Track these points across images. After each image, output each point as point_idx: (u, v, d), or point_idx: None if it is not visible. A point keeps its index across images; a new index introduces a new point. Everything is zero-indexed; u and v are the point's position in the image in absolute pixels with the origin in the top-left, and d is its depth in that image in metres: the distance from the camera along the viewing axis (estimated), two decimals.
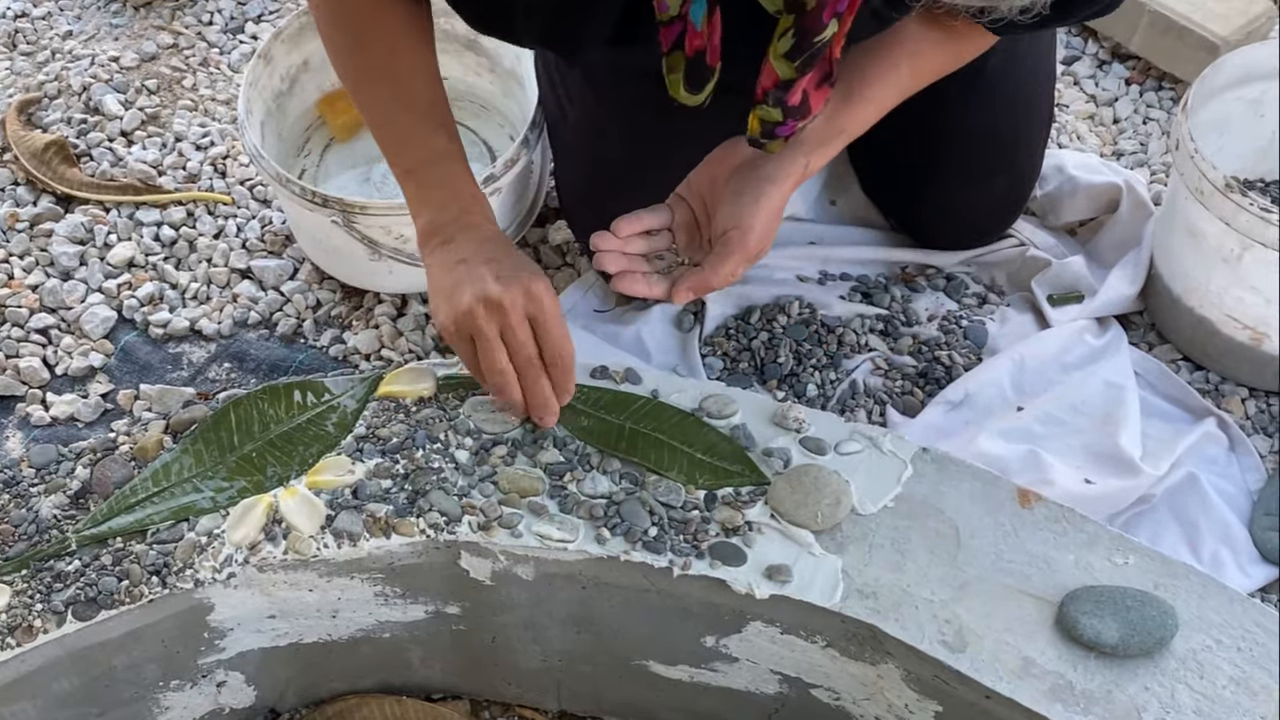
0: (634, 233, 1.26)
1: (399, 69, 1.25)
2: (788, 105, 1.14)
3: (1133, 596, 1.10)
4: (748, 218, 1.22)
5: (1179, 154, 1.50)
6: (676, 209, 1.29)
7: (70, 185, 1.79)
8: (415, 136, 1.24)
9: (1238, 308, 1.52)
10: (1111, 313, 1.64)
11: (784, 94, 1.13)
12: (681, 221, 1.28)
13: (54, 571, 1.15)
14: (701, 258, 1.26)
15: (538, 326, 1.15)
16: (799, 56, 1.09)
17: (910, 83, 1.29)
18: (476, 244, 1.19)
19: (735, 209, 1.23)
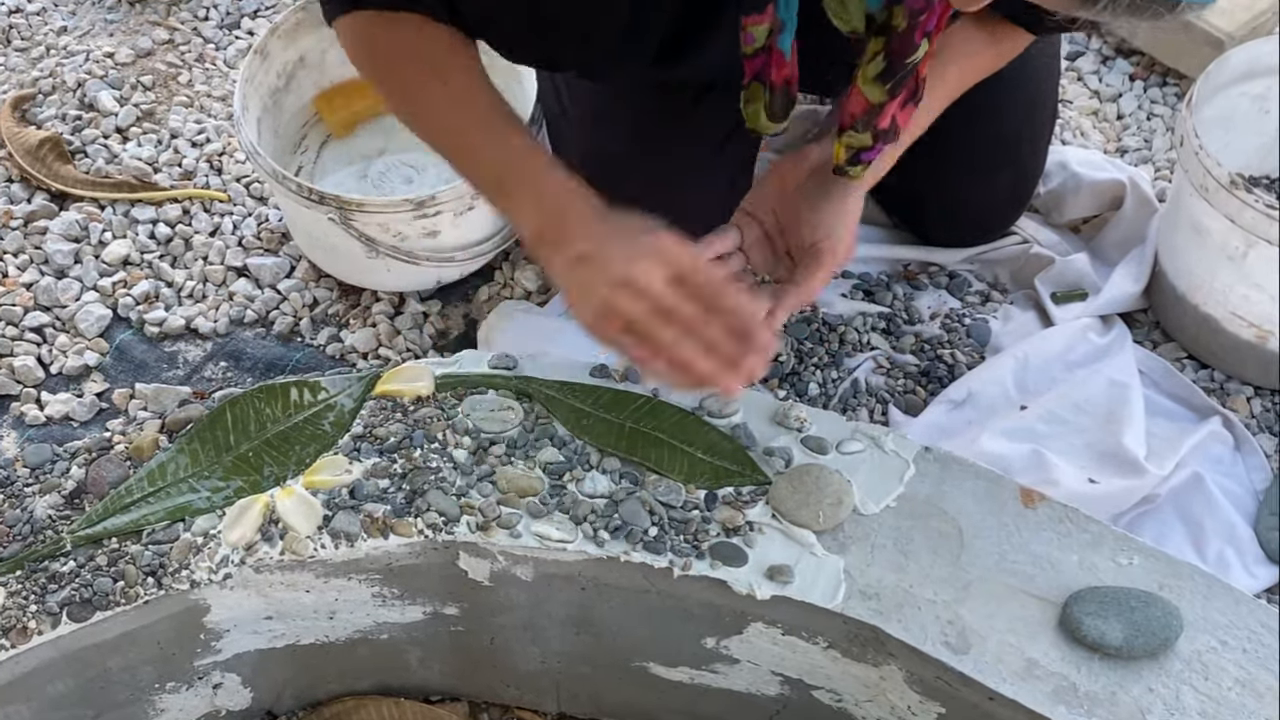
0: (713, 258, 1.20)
1: (453, 89, 1.20)
2: (878, 129, 1.13)
3: (1137, 597, 1.10)
4: (834, 226, 1.20)
5: (1183, 150, 1.50)
6: (745, 228, 1.25)
7: (65, 182, 1.79)
8: (488, 147, 1.18)
9: (1243, 305, 1.52)
10: (1115, 310, 1.64)
11: (874, 118, 1.12)
12: (753, 240, 1.25)
13: (49, 572, 1.15)
14: (783, 273, 1.23)
15: (687, 283, 1.05)
16: (891, 79, 1.08)
17: (958, 87, 1.29)
18: (583, 228, 1.11)
19: (819, 218, 1.20)
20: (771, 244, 1.25)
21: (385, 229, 1.56)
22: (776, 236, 1.24)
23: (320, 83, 1.81)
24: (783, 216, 1.24)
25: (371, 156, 1.79)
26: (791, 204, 1.23)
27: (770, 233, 1.25)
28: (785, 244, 1.24)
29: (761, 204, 1.25)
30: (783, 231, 1.24)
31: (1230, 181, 1.44)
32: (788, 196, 1.23)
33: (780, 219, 1.24)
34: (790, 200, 1.23)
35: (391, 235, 1.57)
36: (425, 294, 1.70)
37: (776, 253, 1.24)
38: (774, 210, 1.24)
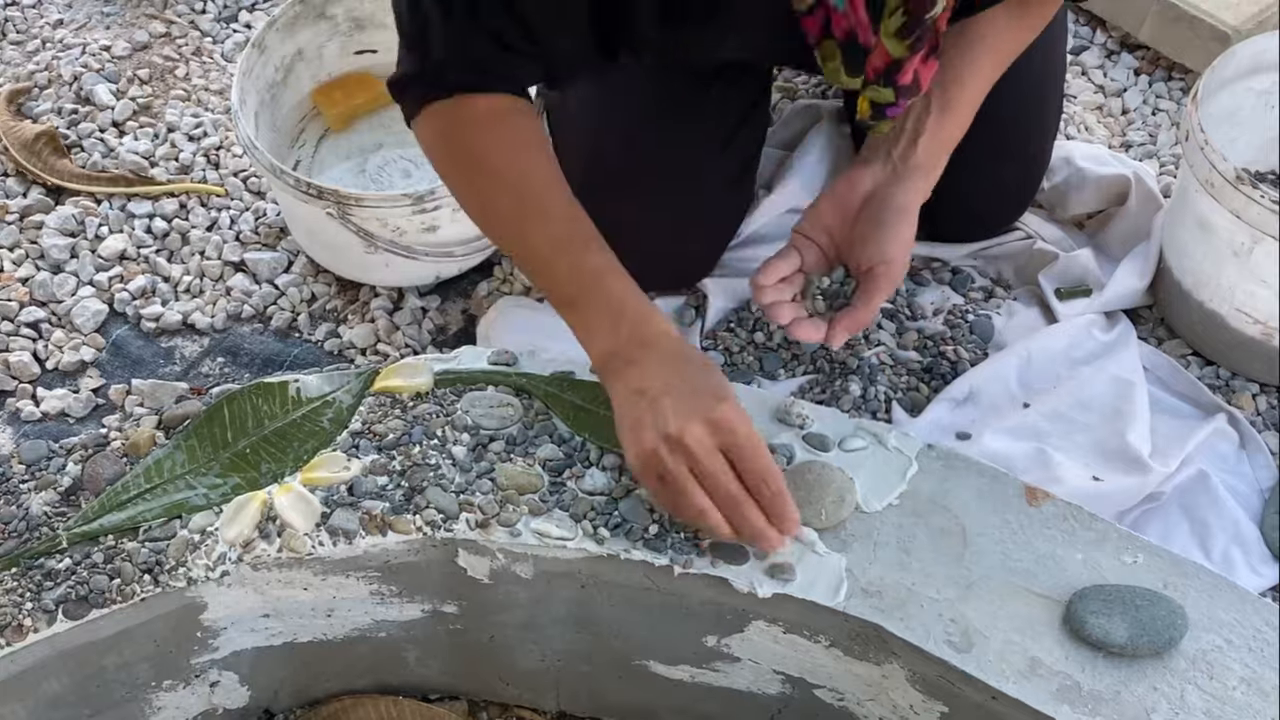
0: (777, 280, 1.25)
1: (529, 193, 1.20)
2: (899, 85, 1.14)
3: (1142, 596, 1.10)
4: (891, 250, 1.22)
5: (1189, 145, 1.50)
6: (804, 251, 1.27)
7: (61, 176, 1.79)
8: (565, 261, 1.18)
9: (1248, 302, 1.52)
10: (1120, 307, 1.64)
11: (895, 73, 1.13)
12: (812, 262, 1.27)
13: (44, 570, 1.15)
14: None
15: (732, 456, 1.07)
16: (911, 34, 1.09)
17: (996, 72, 1.30)
18: (655, 367, 1.11)
19: (877, 243, 1.23)
20: (828, 267, 1.28)
21: (384, 224, 1.56)
22: (834, 260, 1.28)
23: (318, 76, 1.81)
24: (839, 240, 1.27)
25: (370, 151, 1.79)
26: (848, 228, 1.26)
27: (827, 255, 1.28)
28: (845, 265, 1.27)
29: (817, 227, 1.27)
30: (839, 255, 1.27)
31: (1236, 177, 1.44)
32: (844, 220, 1.26)
33: (837, 242, 1.27)
34: (849, 224, 1.26)
35: (390, 230, 1.57)
36: (424, 289, 1.70)
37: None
38: (830, 233, 1.27)
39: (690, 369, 1.12)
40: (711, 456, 1.07)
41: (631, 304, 1.16)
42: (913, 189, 1.26)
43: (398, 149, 1.78)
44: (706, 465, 1.06)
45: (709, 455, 1.06)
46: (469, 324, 1.68)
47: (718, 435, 1.07)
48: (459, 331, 1.67)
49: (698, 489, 1.07)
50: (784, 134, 1.79)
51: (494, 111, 1.20)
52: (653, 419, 1.08)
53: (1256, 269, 1.48)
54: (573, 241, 1.18)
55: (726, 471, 1.07)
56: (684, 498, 1.08)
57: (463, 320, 1.68)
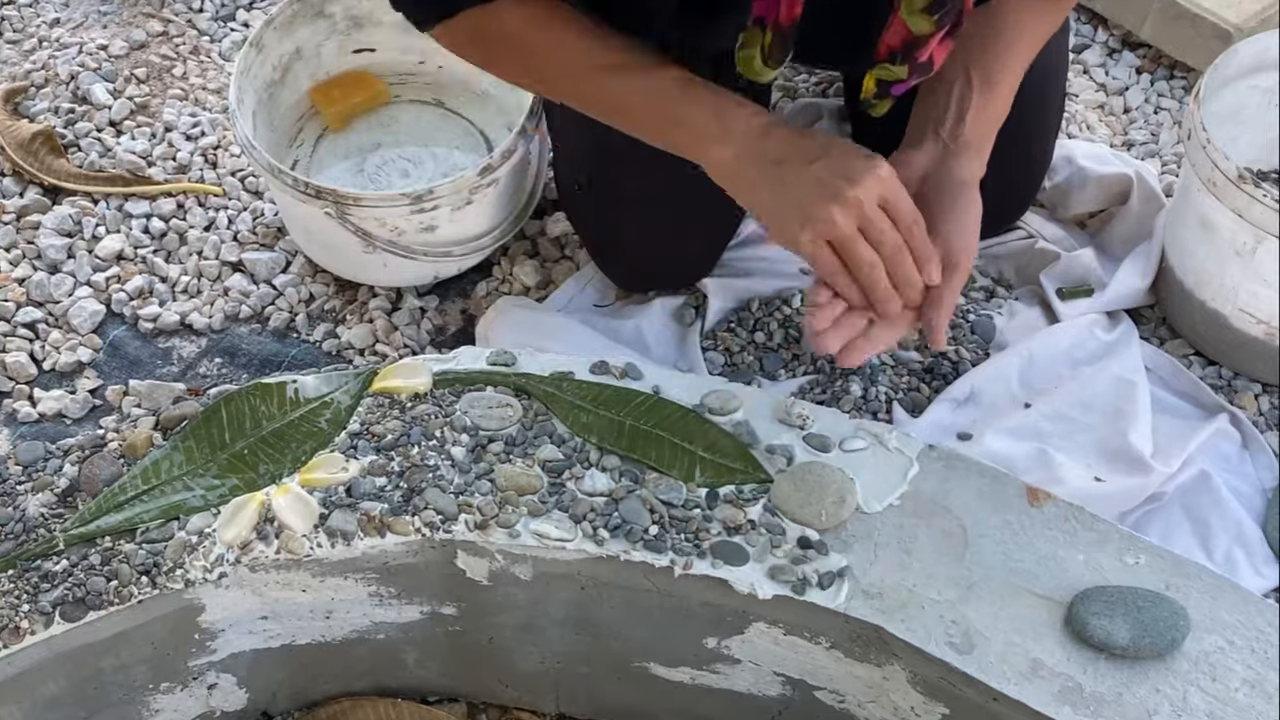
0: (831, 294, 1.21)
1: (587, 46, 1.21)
2: (916, 62, 1.14)
3: (1144, 597, 1.10)
4: (965, 229, 1.22)
5: (1191, 144, 1.50)
6: None
7: (58, 176, 1.79)
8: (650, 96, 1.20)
9: (1251, 302, 1.52)
10: (1122, 307, 1.63)
11: (915, 50, 1.13)
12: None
13: (41, 571, 1.15)
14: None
15: (889, 209, 1.13)
16: (940, 9, 1.08)
17: (1029, 58, 1.29)
18: (783, 143, 1.15)
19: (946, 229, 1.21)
20: None
21: (382, 223, 1.56)
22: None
23: (316, 75, 1.81)
24: None
25: (368, 150, 1.79)
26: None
27: None
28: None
29: None
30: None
31: (1238, 176, 1.43)
32: None
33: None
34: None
35: (388, 230, 1.57)
36: (423, 289, 1.70)
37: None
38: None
39: (821, 139, 1.16)
40: (879, 213, 1.12)
41: (733, 101, 1.18)
42: (971, 163, 1.24)
43: (396, 148, 1.78)
44: (877, 222, 1.12)
45: (877, 212, 1.12)
46: (468, 324, 1.67)
47: (881, 188, 1.12)
48: (458, 332, 1.67)
49: (868, 246, 1.13)
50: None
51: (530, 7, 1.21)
52: (817, 186, 1.11)
53: (1259, 269, 1.48)
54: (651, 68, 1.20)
55: (891, 226, 1.13)
56: (860, 256, 1.12)
57: (461, 320, 1.68)
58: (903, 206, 1.14)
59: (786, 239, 1.16)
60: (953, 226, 1.20)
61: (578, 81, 1.24)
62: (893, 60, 1.14)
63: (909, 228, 1.14)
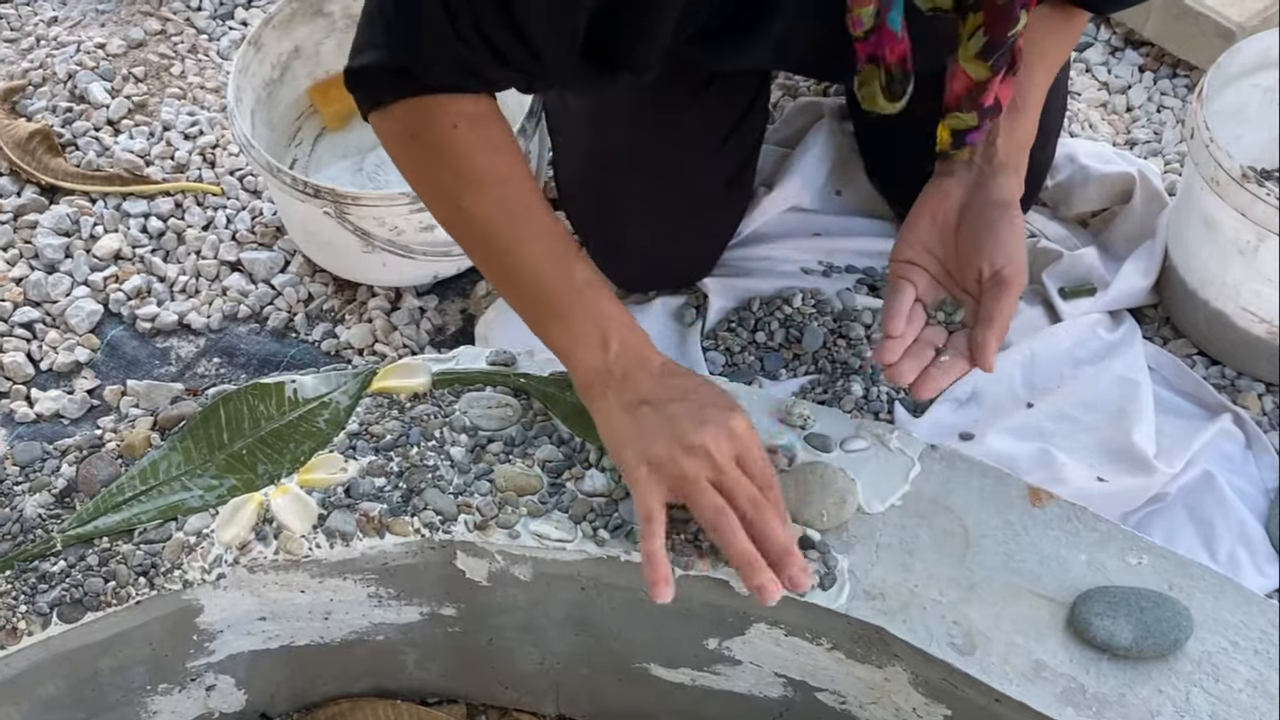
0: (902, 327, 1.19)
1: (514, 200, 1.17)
2: (983, 107, 1.13)
3: (1147, 597, 1.10)
4: (1012, 250, 1.19)
5: (1194, 143, 1.50)
6: (913, 278, 1.23)
7: (55, 175, 1.79)
8: (551, 277, 1.16)
9: (1254, 301, 1.52)
10: (1125, 306, 1.63)
11: (979, 95, 1.12)
12: (925, 287, 1.23)
13: (38, 572, 1.15)
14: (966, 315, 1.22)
15: (744, 465, 1.09)
16: (993, 55, 1.07)
17: (1049, 79, 1.29)
18: (652, 381, 1.12)
19: (994, 246, 1.19)
20: (942, 288, 1.24)
21: (381, 223, 1.56)
22: (945, 279, 1.23)
23: (315, 74, 1.81)
24: (948, 256, 1.23)
25: (367, 149, 1.79)
26: (955, 241, 1.22)
27: (937, 276, 1.24)
28: (959, 282, 1.23)
29: (920, 249, 1.24)
30: (950, 272, 1.23)
31: (1242, 175, 1.43)
32: (950, 232, 1.23)
33: (945, 260, 1.23)
34: (952, 234, 1.23)
35: (388, 229, 1.57)
36: (422, 289, 1.70)
37: (955, 289, 1.23)
38: (935, 253, 1.24)
39: (691, 383, 1.13)
40: (732, 465, 1.08)
41: (618, 319, 1.15)
42: (1009, 185, 1.22)
43: None
44: (729, 473, 1.07)
45: (730, 464, 1.07)
46: (467, 324, 1.68)
47: (734, 444, 1.08)
48: (457, 331, 1.67)
49: (715, 494, 1.07)
50: (785, 131, 1.79)
51: (478, 115, 1.17)
52: (668, 427, 1.08)
53: (1262, 267, 1.48)
54: (557, 255, 1.16)
55: (745, 480, 1.08)
56: (704, 500, 1.07)
57: (461, 320, 1.68)
58: (757, 463, 1.09)
59: (627, 469, 1.10)
60: (997, 246, 1.19)
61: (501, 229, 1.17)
62: (960, 108, 1.13)
63: (763, 485, 1.09)
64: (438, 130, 1.16)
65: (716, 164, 1.56)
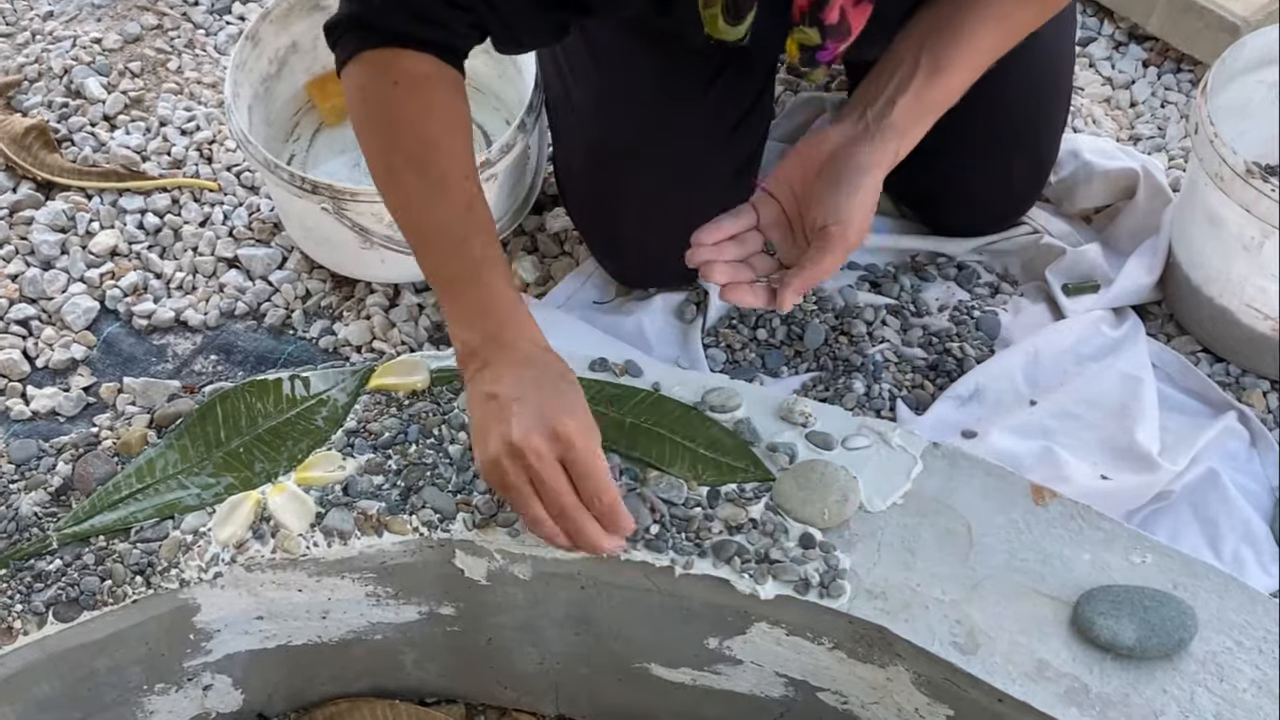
0: (720, 239, 1.21)
1: (431, 167, 1.20)
2: (825, 24, 1.12)
3: (1151, 596, 1.09)
4: (846, 210, 1.18)
5: (1198, 138, 1.49)
6: (763, 208, 1.24)
7: (51, 171, 1.79)
8: (448, 245, 1.19)
9: (1259, 297, 1.52)
10: (1128, 303, 1.63)
11: (820, 10, 1.11)
12: (771, 220, 1.23)
13: (34, 571, 1.15)
14: (796, 256, 1.21)
15: (571, 469, 1.09)
16: None
17: (1004, 44, 1.26)
18: (509, 371, 1.13)
19: (833, 201, 1.18)
20: (790, 225, 1.23)
21: (379, 219, 1.56)
22: (795, 218, 1.23)
23: (313, 69, 1.81)
24: (801, 198, 1.23)
25: None
26: (810, 186, 1.22)
27: (789, 214, 1.23)
28: (802, 226, 1.22)
29: (782, 184, 1.24)
30: (798, 212, 1.23)
31: (1246, 170, 1.43)
32: (807, 178, 1.22)
33: (798, 198, 1.23)
34: (809, 182, 1.22)
35: (386, 225, 1.57)
36: (420, 285, 1.70)
37: (794, 235, 1.23)
38: (793, 191, 1.23)
39: (544, 378, 1.13)
40: (550, 468, 1.08)
41: (500, 302, 1.16)
42: (880, 150, 1.20)
43: None
44: (544, 476, 1.08)
45: (547, 467, 1.08)
46: None
47: (557, 447, 1.08)
48: None
49: (534, 499, 1.09)
50: (787, 127, 1.79)
51: (418, 75, 1.20)
52: (499, 425, 1.09)
53: (1267, 264, 1.48)
54: (462, 228, 1.18)
55: (562, 483, 1.09)
56: (522, 508, 1.10)
57: None
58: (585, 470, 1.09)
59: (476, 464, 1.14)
60: (837, 204, 1.18)
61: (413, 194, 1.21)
62: (804, 22, 1.13)
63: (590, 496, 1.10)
64: (380, 86, 1.20)
65: (721, 160, 1.56)
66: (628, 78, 1.49)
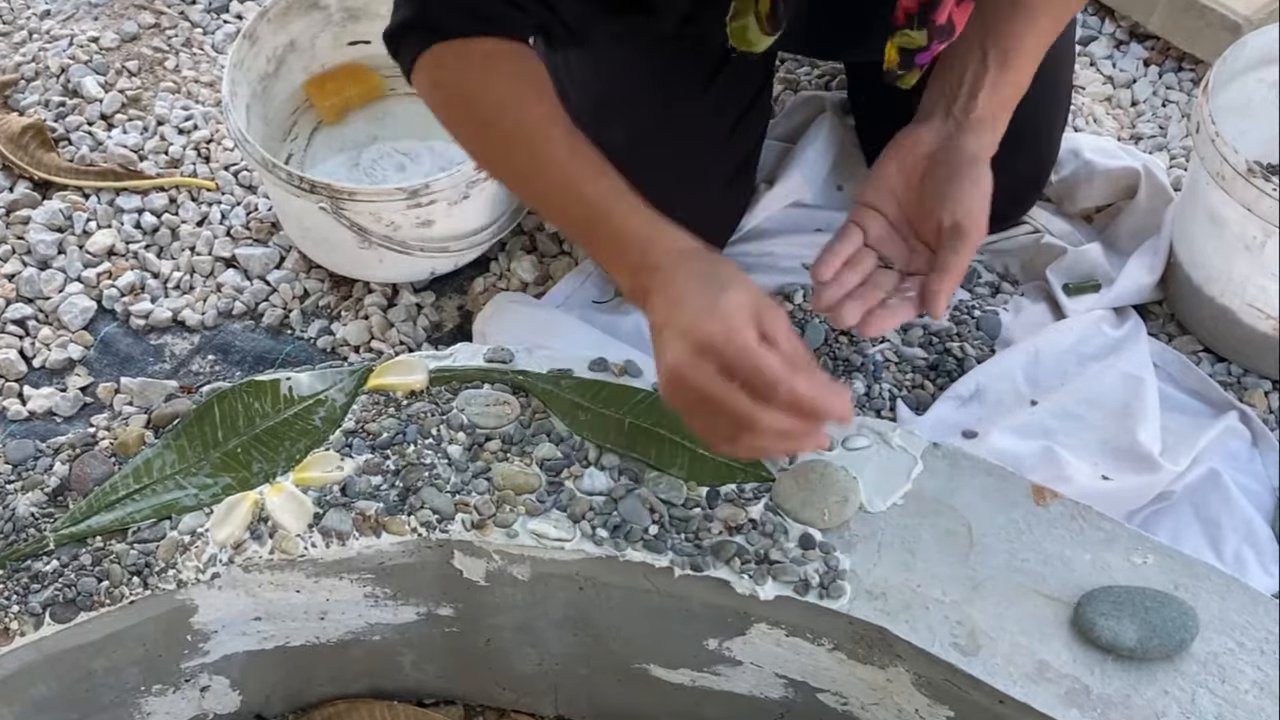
0: (836, 270, 1.18)
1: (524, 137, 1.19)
2: (935, 25, 1.12)
3: (1152, 597, 1.09)
4: (970, 200, 1.17)
5: (1199, 137, 1.49)
6: (868, 223, 1.21)
7: (48, 170, 1.79)
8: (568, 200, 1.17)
9: (1261, 297, 1.52)
10: (1129, 303, 1.63)
11: (931, 11, 1.10)
12: (882, 233, 1.21)
13: (31, 572, 1.15)
14: (920, 263, 1.20)
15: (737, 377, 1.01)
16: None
17: (1053, 34, 1.26)
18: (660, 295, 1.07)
19: (955, 195, 1.17)
20: (900, 235, 1.22)
21: (378, 218, 1.56)
22: (903, 226, 1.21)
23: (311, 68, 1.80)
24: (909, 205, 1.21)
25: (363, 144, 1.78)
26: (916, 188, 1.20)
27: (896, 224, 1.22)
28: (918, 232, 1.21)
29: (883, 195, 1.22)
30: (910, 220, 1.21)
31: (1247, 169, 1.43)
32: (911, 182, 1.20)
33: (906, 208, 1.21)
34: (914, 185, 1.20)
35: (384, 225, 1.57)
36: (419, 285, 1.70)
37: (908, 243, 1.21)
38: (898, 198, 1.21)
39: (689, 287, 1.06)
40: (712, 385, 1.01)
41: (632, 228, 1.13)
42: (980, 140, 1.20)
43: (391, 142, 1.78)
44: (710, 395, 1.01)
45: (708, 385, 1.01)
46: (465, 320, 1.67)
47: (708, 361, 1.01)
48: (455, 328, 1.67)
49: (716, 421, 1.03)
50: (786, 126, 1.79)
51: (489, 53, 1.20)
52: (659, 360, 1.06)
53: (1268, 263, 1.48)
54: (572, 180, 1.16)
55: (731, 397, 1.01)
56: (707, 434, 1.05)
57: (458, 317, 1.68)
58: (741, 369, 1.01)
59: (657, 354, 1.08)
60: (959, 197, 1.17)
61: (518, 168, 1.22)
62: (911, 25, 1.12)
63: (766, 393, 1.00)
64: (453, 73, 1.20)
65: (719, 159, 1.55)
66: (626, 76, 1.49)
